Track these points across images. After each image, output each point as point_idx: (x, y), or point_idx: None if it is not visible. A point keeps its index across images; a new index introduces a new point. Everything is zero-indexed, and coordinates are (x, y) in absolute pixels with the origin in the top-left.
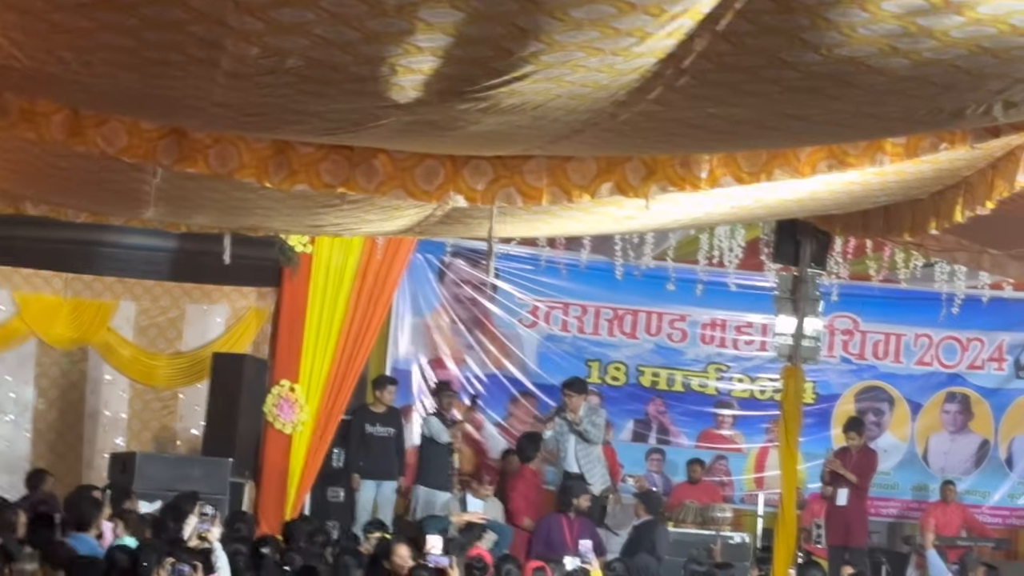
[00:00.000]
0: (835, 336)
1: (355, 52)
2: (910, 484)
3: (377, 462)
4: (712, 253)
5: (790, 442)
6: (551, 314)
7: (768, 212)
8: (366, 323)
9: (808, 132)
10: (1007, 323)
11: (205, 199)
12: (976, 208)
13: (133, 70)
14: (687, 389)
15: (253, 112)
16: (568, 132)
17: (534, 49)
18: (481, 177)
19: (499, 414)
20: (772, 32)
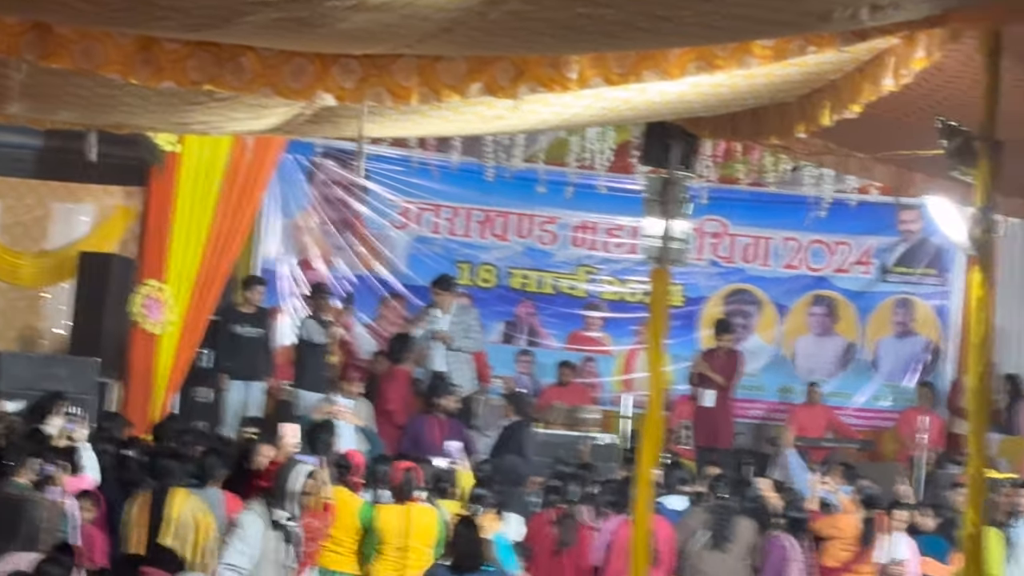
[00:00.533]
0: (704, 239)
1: None
2: (776, 386)
3: (245, 363)
4: (583, 156)
5: (657, 343)
6: (422, 216)
7: (637, 114)
8: (235, 223)
9: (677, 33)
10: (873, 227)
11: (70, 95)
12: (843, 111)
13: None
14: (557, 291)
15: (118, 7)
16: (437, 31)
17: None
18: (350, 76)
19: (369, 315)
20: None
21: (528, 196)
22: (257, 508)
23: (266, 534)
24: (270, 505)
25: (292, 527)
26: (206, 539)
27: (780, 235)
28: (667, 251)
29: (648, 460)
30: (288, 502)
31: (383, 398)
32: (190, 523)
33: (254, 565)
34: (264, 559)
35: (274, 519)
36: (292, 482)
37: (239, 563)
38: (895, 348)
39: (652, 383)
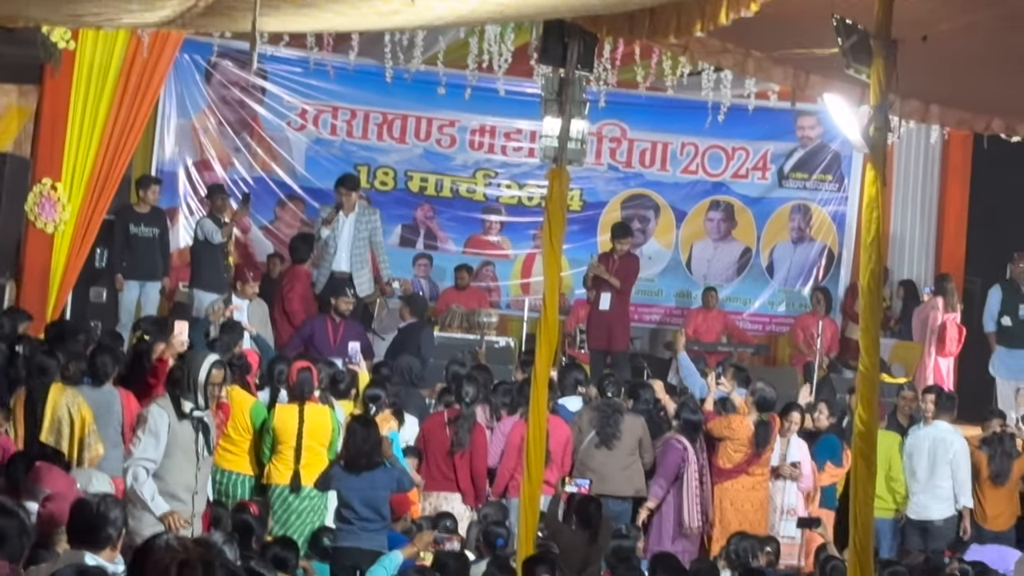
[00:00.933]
0: (602, 144)
1: None
2: (673, 291)
3: (141, 263)
4: (482, 58)
5: (554, 244)
6: (320, 117)
7: (536, 11)
8: (130, 122)
9: None
10: (771, 132)
11: None
12: (741, 10)
13: None
14: (455, 195)
15: None
16: None
17: None
18: None
19: (266, 217)
20: None
21: (427, 98)
22: (163, 401)
23: (175, 425)
24: (178, 397)
25: (200, 416)
26: (82, 433)
27: (678, 140)
28: (564, 150)
29: (544, 362)
30: (195, 393)
31: (282, 298)
32: (65, 418)
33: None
34: (177, 449)
35: (182, 410)
36: (197, 372)
37: (151, 456)
38: (791, 254)
39: (548, 285)
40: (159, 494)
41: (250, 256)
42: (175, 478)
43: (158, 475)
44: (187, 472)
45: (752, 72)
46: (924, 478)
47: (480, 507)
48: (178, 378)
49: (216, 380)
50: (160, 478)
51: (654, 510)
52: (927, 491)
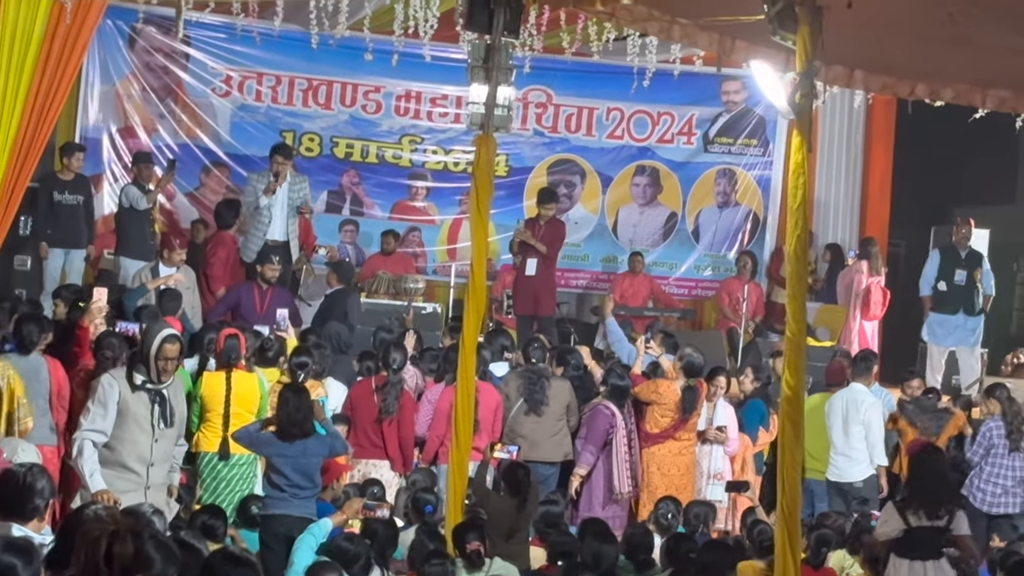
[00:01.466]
0: (528, 109)
1: None
2: (599, 256)
3: (65, 230)
4: (408, 24)
5: (481, 210)
6: (245, 83)
7: None
8: (54, 89)
9: None
10: (697, 97)
11: None
12: None
13: None
14: (381, 161)
15: None
16: None
17: None
18: None
19: (191, 184)
20: None
21: (353, 64)
22: (116, 371)
23: (128, 396)
24: (131, 368)
25: (157, 388)
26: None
27: (604, 105)
28: (491, 117)
29: (471, 328)
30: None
31: (208, 264)
32: None
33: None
34: (130, 420)
35: (135, 382)
36: (149, 345)
37: (100, 427)
38: (716, 218)
39: (475, 251)
40: (112, 464)
41: (176, 223)
42: (128, 448)
43: (110, 446)
44: (141, 443)
45: (678, 38)
46: (839, 440)
47: (408, 474)
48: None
49: (169, 354)
50: (112, 448)
51: (585, 476)
52: (843, 453)
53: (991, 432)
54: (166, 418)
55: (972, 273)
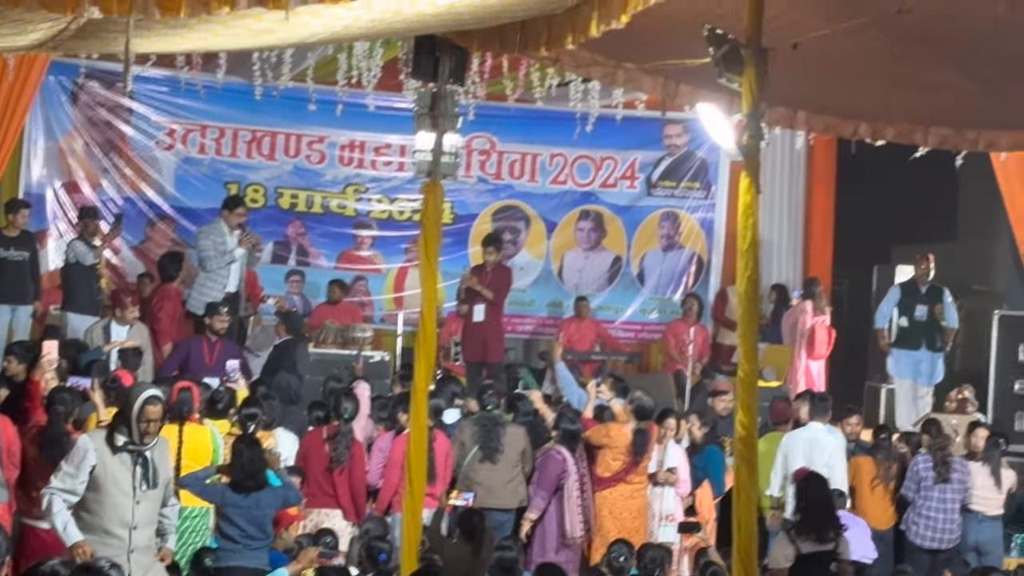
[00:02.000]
0: (472, 156)
1: None
2: (545, 301)
3: (12, 286)
4: (351, 73)
5: (430, 258)
6: (188, 136)
7: (408, 26)
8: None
9: None
10: (639, 141)
11: None
12: (611, 22)
13: None
14: (326, 211)
15: None
16: None
17: None
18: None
19: (137, 238)
20: None
21: (296, 115)
22: (95, 433)
23: (108, 459)
24: (113, 430)
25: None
26: None
27: (547, 151)
28: (438, 164)
29: (423, 375)
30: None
31: (154, 318)
32: None
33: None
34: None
35: (116, 444)
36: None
37: (69, 486)
38: (661, 261)
39: (425, 298)
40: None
41: (123, 277)
42: (108, 512)
43: (91, 510)
44: (122, 507)
45: (622, 83)
46: None
47: (361, 523)
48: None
49: (152, 416)
50: (92, 512)
51: (536, 521)
52: None
53: (918, 466)
54: (148, 479)
55: (933, 308)
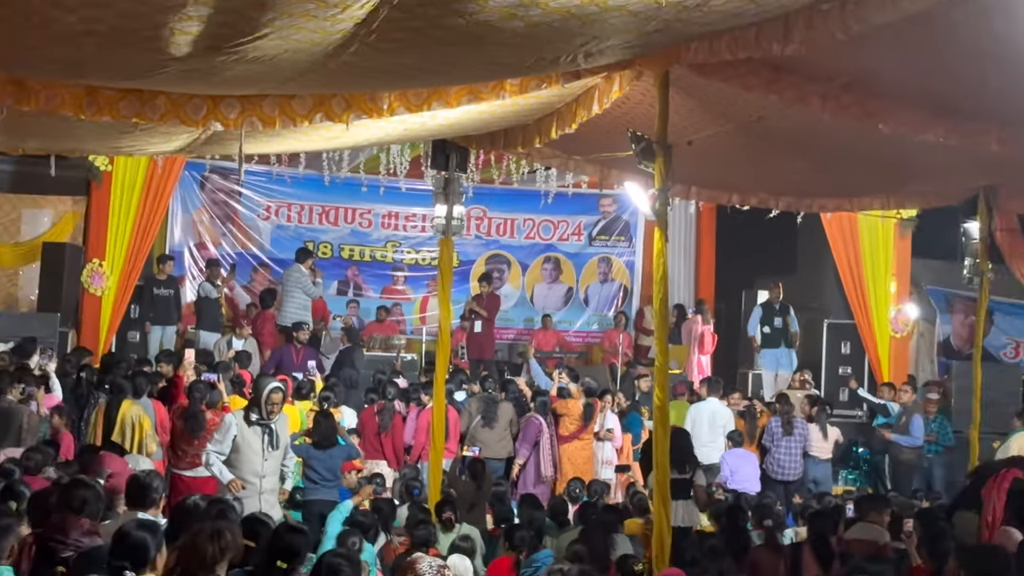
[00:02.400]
0: (471, 221)
1: (146, 21)
2: (522, 317)
3: (162, 313)
4: (389, 166)
5: (444, 290)
6: (279, 210)
7: (428, 134)
8: (151, 218)
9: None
10: (583, 209)
11: (37, 128)
12: (565, 128)
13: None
14: (373, 259)
15: (74, 63)
16: (294, 76)
17: (271, 16)
18: (233, 110)
19: (245, 279)
20: (430, 3)
21: (352, 195)
22: (238, 412)
23: (245, 431)
24: (248, 411)
25: (266, 423)
26: (141, 436)
27: (522, 217)
28: (449, 226)
29: (441, 369)
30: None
31: (258, 333)
32: (131, 423)
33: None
34: (246, 447)
35: (250, 419)
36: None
37: (217, 449)
38: (599, 290)
39: (441, 317)
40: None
41: (236, 306)
42: (245, 467)
43: (234, 465)
44: (255, 463)
45: (572, 169)
46: (707, 438)
47: (400, 469)
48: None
49: (275, 400)
50: (235, 467)
51: (522, 466)
52: (707, 445)
53: (772, 425)
54: (272, 444)
55: (785, 319)
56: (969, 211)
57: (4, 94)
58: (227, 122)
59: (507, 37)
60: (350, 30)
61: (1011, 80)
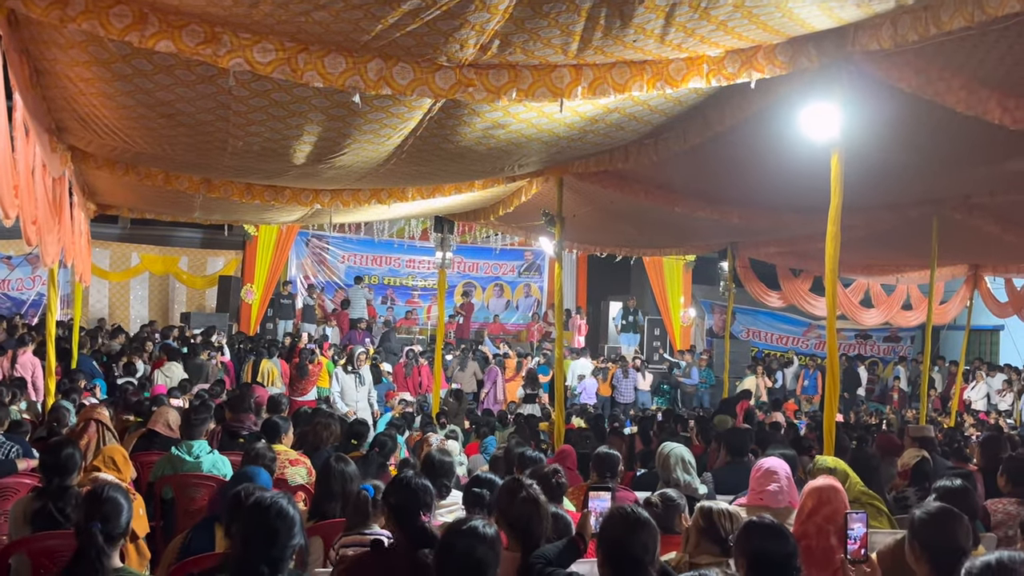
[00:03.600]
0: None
1: (282, 143)
2: (483, 316)
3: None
4: (410, 233)
5: (441, 300)
6: (349, 257)
7: (433, 211)
8: (278, 261)
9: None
10: (515, 257)
11: (217, 207)
12: (507, 209)
13: (189, 150)
14: (401, 284)
15: (238, 168)
16: (360, 177)
17: (349, 142)
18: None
19: (330, 295)
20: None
21: (389, 249)
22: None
23: (344, 377)
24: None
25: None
26: (273, 378)
27: (482, 261)
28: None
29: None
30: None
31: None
32: (267, 371)
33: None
34: (347, 387)
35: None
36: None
37: (335, 389)
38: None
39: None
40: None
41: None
42: (348, 397)
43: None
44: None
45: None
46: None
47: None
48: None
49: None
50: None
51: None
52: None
53: (618, 372)
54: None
55: (635, 317)
56: (722, 256)
57: (200, 187)
58: (323, 203)
59: (477, 155)
60: (392, 151)
61: (745, 182)
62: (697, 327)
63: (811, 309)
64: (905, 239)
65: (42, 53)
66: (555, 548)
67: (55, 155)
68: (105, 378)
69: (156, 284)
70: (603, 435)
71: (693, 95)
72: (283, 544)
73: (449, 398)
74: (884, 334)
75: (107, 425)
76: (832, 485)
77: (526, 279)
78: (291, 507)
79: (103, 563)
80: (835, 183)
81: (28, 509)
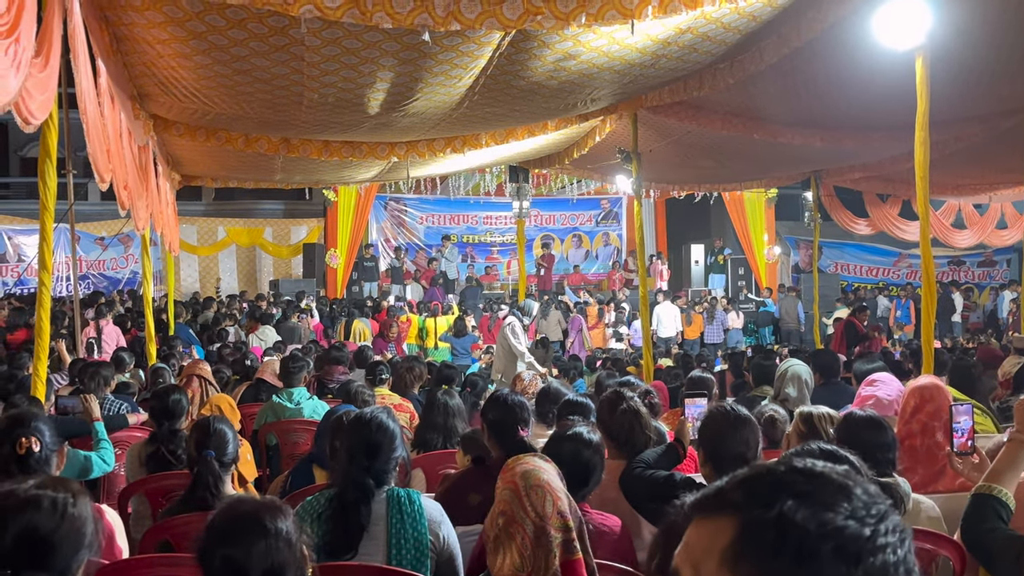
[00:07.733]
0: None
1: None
2: (563, 268)
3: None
4: (486, 189)
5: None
6: (427, 218)
7: (508, 159)
8: (359, 225)
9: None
10: (593, 207)
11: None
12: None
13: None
14: (480, 242)
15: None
16: (434, 124)
17: (421, 87)
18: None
19: (411, 257)
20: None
21: (466, 207)
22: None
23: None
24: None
25: None
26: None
27: (559, 213)
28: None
29: (521, 296)
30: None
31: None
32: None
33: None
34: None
35: None
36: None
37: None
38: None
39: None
40: None
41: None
42: None
43: None
44: None
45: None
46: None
47: None
48: None
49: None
50: None
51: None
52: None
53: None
54: None
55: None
56: (806, 186)
57: (279, 147)
58: (400, 156)
59: (549, 91)
60: (464, 93)
61: (825, 103)
62: (783, 264)
63: (901, 234)
64: (997, 153)
65: (119, 18)
66: (654, 453)
67: (139, 122)
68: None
69: (243, 256)
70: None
71: (768, 8)
72: (386, 456)
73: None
74: (978, 259)
75: (209, 380)
76: (935, 383)
77: (604, 227)
78: (391, 420)
79: (219, 489)
80: (921, 87)
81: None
